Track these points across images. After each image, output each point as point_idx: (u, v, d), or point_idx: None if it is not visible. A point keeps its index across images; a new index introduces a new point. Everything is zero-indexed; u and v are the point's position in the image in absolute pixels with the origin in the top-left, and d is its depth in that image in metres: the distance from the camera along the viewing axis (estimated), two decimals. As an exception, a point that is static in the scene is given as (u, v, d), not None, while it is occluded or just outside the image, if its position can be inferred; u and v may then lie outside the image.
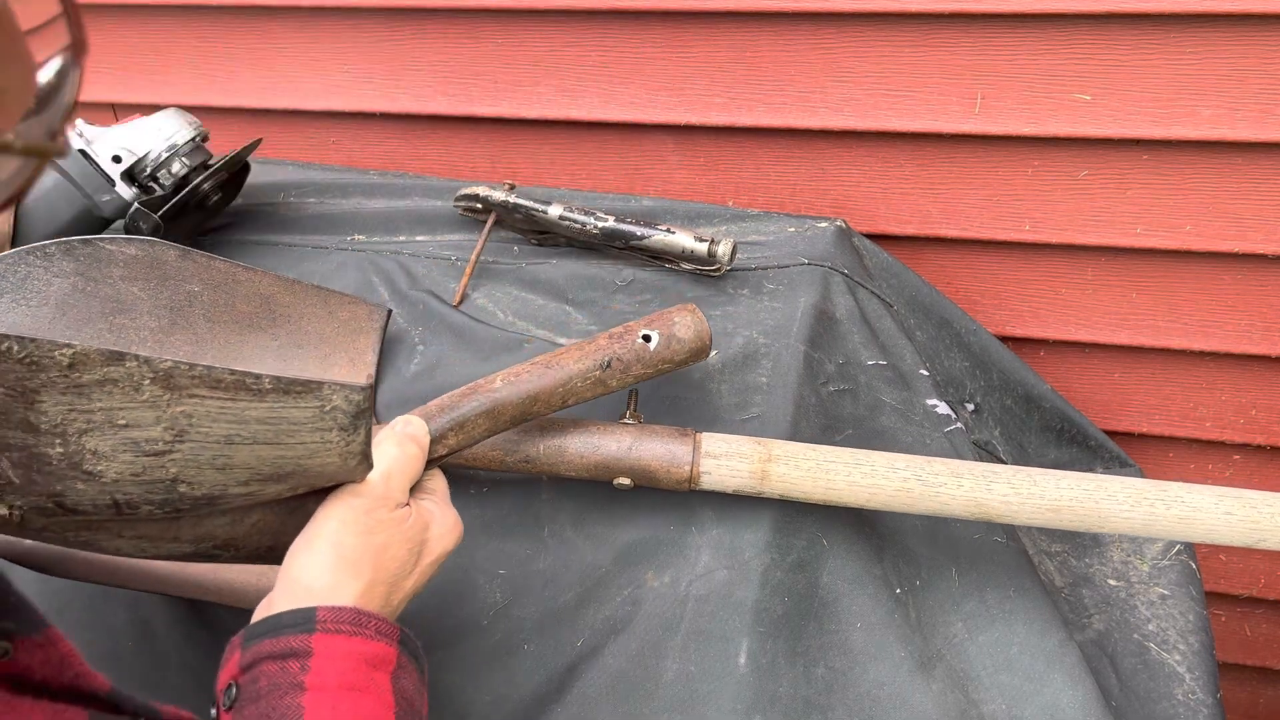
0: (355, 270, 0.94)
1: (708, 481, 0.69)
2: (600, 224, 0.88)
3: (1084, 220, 1.00)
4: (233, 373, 0.49)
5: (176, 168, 0.91)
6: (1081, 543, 0.95)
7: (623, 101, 1.04)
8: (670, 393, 0.79)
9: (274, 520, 0.60)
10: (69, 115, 0.30)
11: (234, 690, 0.50)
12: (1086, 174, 0.98)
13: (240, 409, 0.50)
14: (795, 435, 0.76)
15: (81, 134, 0.87)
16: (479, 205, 0.94)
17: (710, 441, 0.70)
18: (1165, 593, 0.90)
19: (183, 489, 0.52)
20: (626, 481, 0.70)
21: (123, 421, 0.48)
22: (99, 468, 0.49)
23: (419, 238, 0.98)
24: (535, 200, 0.91)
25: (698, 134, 1.05)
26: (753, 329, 0.82)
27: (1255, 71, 0.88)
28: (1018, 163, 0.99)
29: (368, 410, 0.53)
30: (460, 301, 0.89)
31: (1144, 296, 1.04)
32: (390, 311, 0.84)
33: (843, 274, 0.87)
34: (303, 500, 0.59)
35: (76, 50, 0.29)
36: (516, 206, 0.91)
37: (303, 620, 0.50)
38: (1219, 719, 0.83)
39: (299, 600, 0.52)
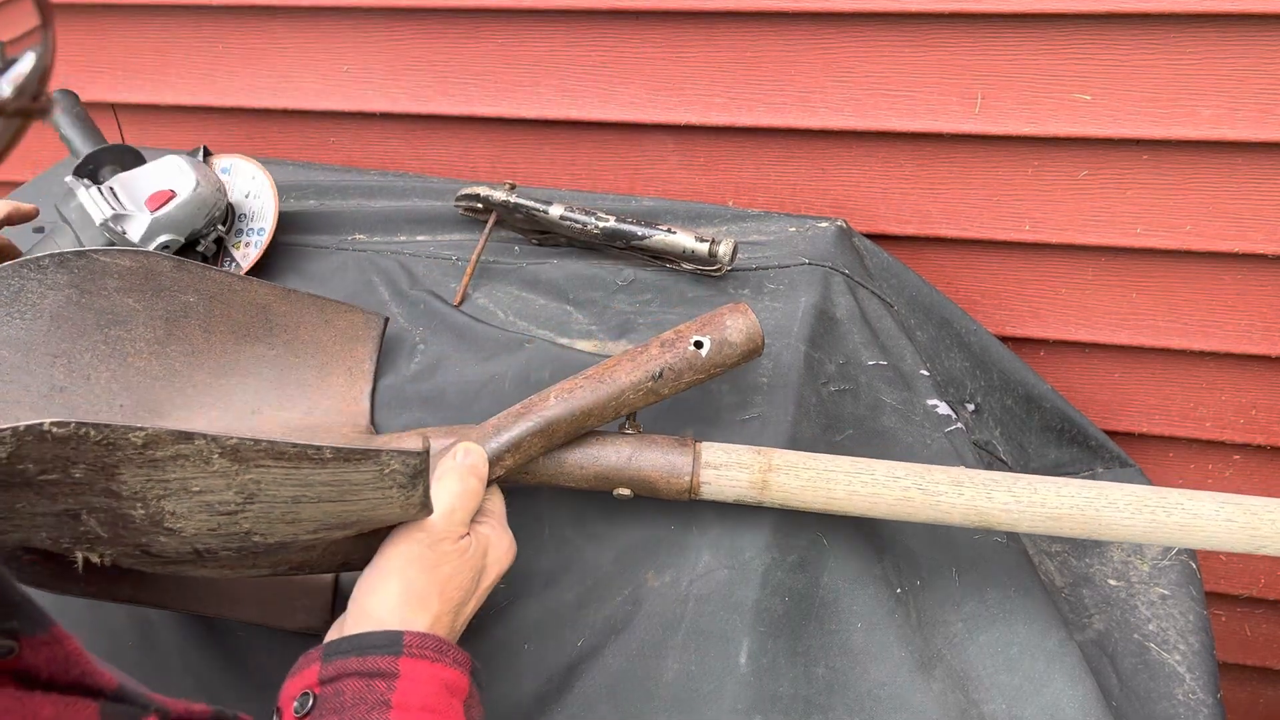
0: (355, 270, 0.94)
1: (708, 491, 0.69)
2: (601, 224, 0.88)
3: (1084, 220, 1.00)
4: (295, 446, 0.52)
5: (213, 236, 0.93)
6: (1082, 543, 0.95)
7: (623, 101, 1.04)
8: (671, 392, 0.79)
9: (347, 544, 0.62)
10: (46, 76, 0.31)
11: (310, 700, 0.53)
12: (1086, 174, 0.98)
13: (304, 475, 0.53)
14: (796, 435, 0.76)
15: (125, 231, 0.87)
16: (479, 205, 0.94)
17: (710, 451, 0.69)
18: (1165, 593, 0.90)
19: (256, 539, 0.56)
20: (626, 492, 0.70)
21: (196, 489, 0.51)
22: (178, 525, 0.53)
23: (419, 238, 0.98)
24: (536, 200, 0.91)
25: (698, 134, 1.05)
26: (753, 329, 0.82)
27: (1255, 71, 0.88)
28: (1018, 163, 0.99)
29: (425, 470, 0.55)
30: (461, 301, 0.89)
31: (1144, 296, 1.04)
32: (387, 320, 0.84)
33: (843, 274, 0.87)
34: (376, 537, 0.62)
35: (45, 11, 0.30)
36: (517, 206, 0.91)
37: (390, 643, 0.54)
38: (1219, 719, 0.83)
39: (372, 627, 0.56)
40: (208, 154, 0.99)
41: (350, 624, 0.57)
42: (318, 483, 0.53)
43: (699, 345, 0.69)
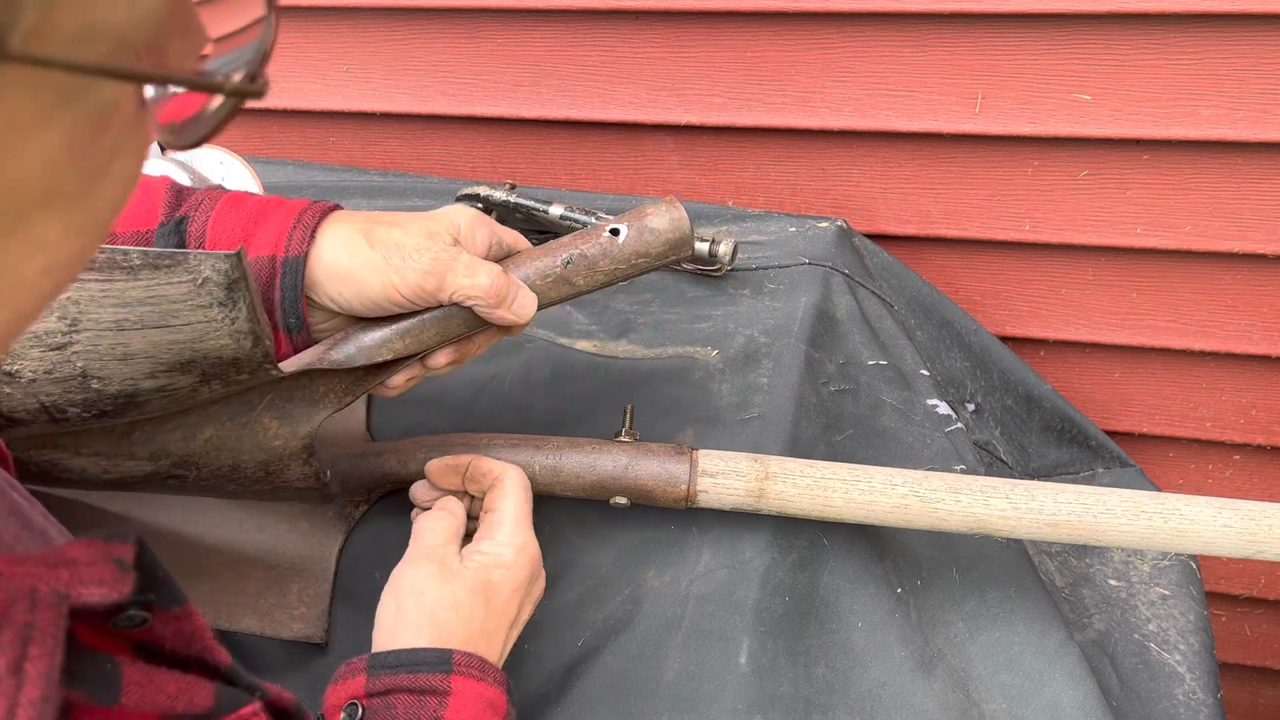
0: (355, 270, 0.94)
1: (705, 500, 0.69)
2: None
3: (1084, 220, 1.00)
4: (104, 251, 0.51)
5: None
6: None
7: (623, 101, 1.04)
8: (671, 392, 0.79)
9: (228, 437, 0.60)
10: (266, 58, 0.32)
11: (359, 710, 0.55)
12: (1086, 174, 0.98)
13: (120, 290, 0.52)
14: (796, 435, 0.76)
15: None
16: (479, 205, 0.94)
17: (707, 459, 0.69)
18: (1166, 593, 0.90)
19: (96, 385, 0.54)
20: (623, 501, 0.70)
21: None
22: (15, 367, 0.53)
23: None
24: (536, 200, 0.91)
25: (698, 134, 1.05)
26: (754, 329, 0.82)
27: (1255, 71, 0.88)
28: (1018, 163, 0.99)
29: (241, 282, 0.53)
30: (460, 301, 0.89)
31: (1144, 296, 1.04)
32: None
33: (844, 274, 0.87)
34: (253, 416, 0.60)
35: None
36: (517, 206, 0.91)
37: (440, 661, 0.56)
38: (1219, 719, 0.83)
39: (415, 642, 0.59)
40: (163, 148, 0.98)
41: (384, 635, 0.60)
42: (135, 300, 0.52)
43: (615, 232, 0.63)
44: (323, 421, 0.63)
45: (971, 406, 0.99)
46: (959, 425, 0.85)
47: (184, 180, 0.90)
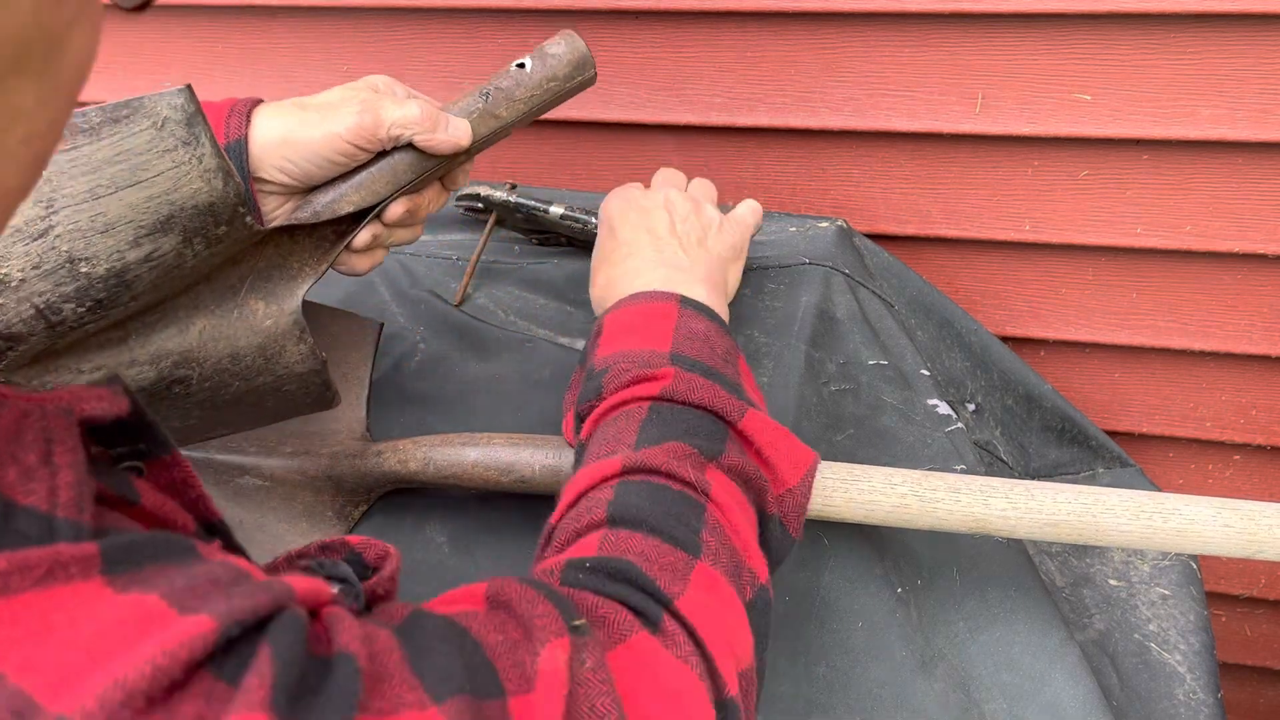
0: (355, 270, 0.94)
1: None
2: (601, 224, 0.88)
3: (1084, 220, 1.00)
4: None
5: None
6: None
7: (622, 101, 1.04)
8: (671, 392, 0.79)
9: (221, 324, 0.62)
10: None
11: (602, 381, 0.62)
12: (1086, 174, 0.98)
13: (87, 155, 0.53)
14: (797, 435, 0.75)
15: None
16: (480, 205, 0.94)
17: None
18: (1166, 593, 0.90)
19: (84, 268, 0.55)
20: None
21: None
22: (3, 271, 0.53)
23: (420, 237, 0.97)
24: (536, 200, 0.91)
25: (698, 134, 1.05)
26: (754, 328, 0.82)
27: (1255, 71, 0.88)
28: (1018, 162, 0.99)
29: (199, 115, 0.55)
30: (461, 301, 0.89)
31: (1144, 296, 1.04)
32: (382, 325, 0.83)
33: (844, 274, 0.87)
34: (239, 301, 0.62)
35: None
36: (518, 206, 0.91)
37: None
38: (1220, 719, 0.83)
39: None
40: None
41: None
42: (103, 162, 0.53)
43: (521, 65, 0.70)
44: (305, 293, 0.66)
45: (972, 406, 0.99)
46: (959, 425, 0.85)
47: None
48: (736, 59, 1.00)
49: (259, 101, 0.67)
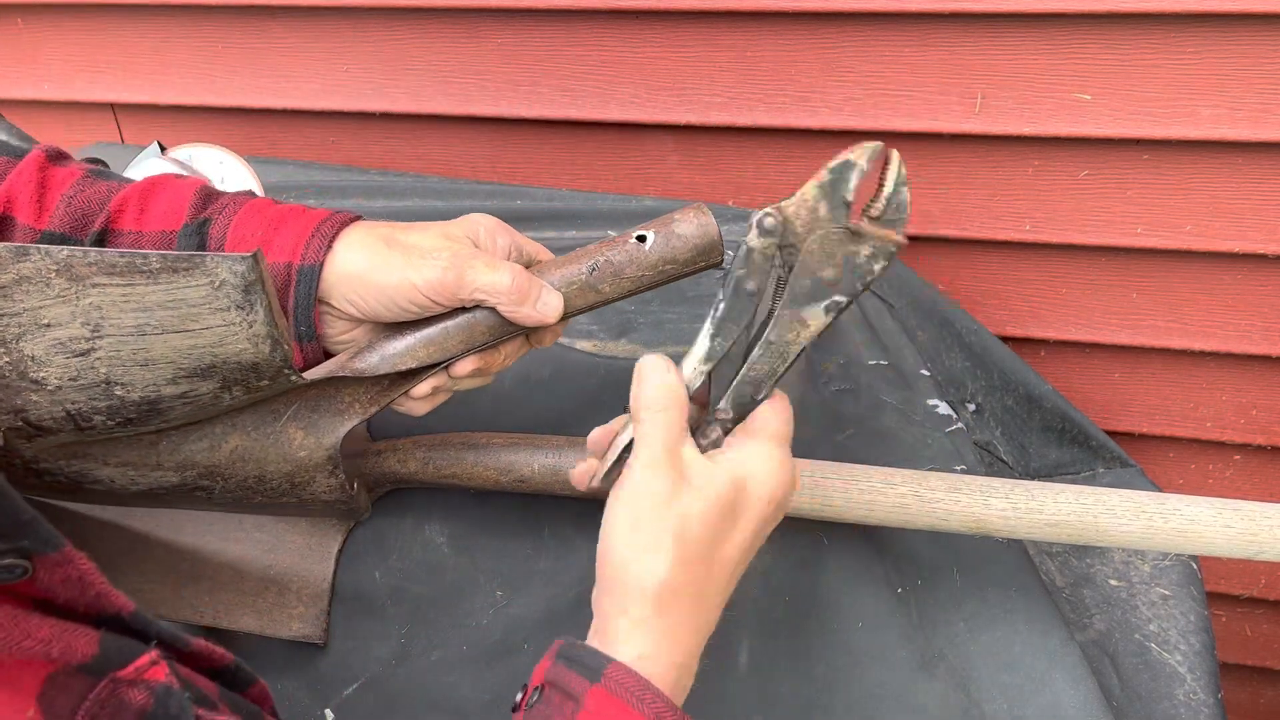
0: (355, 270, 0.94)
1: None
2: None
3: (1084, 220, 1.00)
4: (123, 255, 0.52)
5: None
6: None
7: (623, 101, 1.04)
8: (671, 392, 0.79)
9: (254, 447, 0.61)
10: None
11: (538, 695, 0.51)
12: (1087, 174, 0.98)
13: (140, 294, 0.53)
14: (797, 435, 0.75)
15: None
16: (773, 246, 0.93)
17: None
18: (1166, 593, 0.90)
19: (119, 391, 0.55)
20: None
21: (46, 321, 0.53)
22: (42, 375, 0.54)
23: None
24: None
25: (698, 134, 1.05)
26: (753, 328, 0.82)
27: (1255, 71, 0.88)
28: (1018, 162, 0.99)
29: (258, 284, 0.53)
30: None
31: (1144, 296, 1.04)
32: None
33: (843, 274, 0.87)
34: (278, 426, 0.61)
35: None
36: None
37: (593, 666, 0.50)
38: (1220, 719, 0.83)
39: (617, 599, 0.52)
40: (163, 148, 0.98)
41: (599, 596, 0.54)
42: (155, 305, 0.53)
43: (641, 239, 0.61)
44: (348, 433, 0.64)
45: (972, 406, 0.99)
46: (959, 425, 0.85)
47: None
48: (736, 59, 1.00)
49: (351, 221, 0.61)
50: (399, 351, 0.61)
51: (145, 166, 0.90)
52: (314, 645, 0.72)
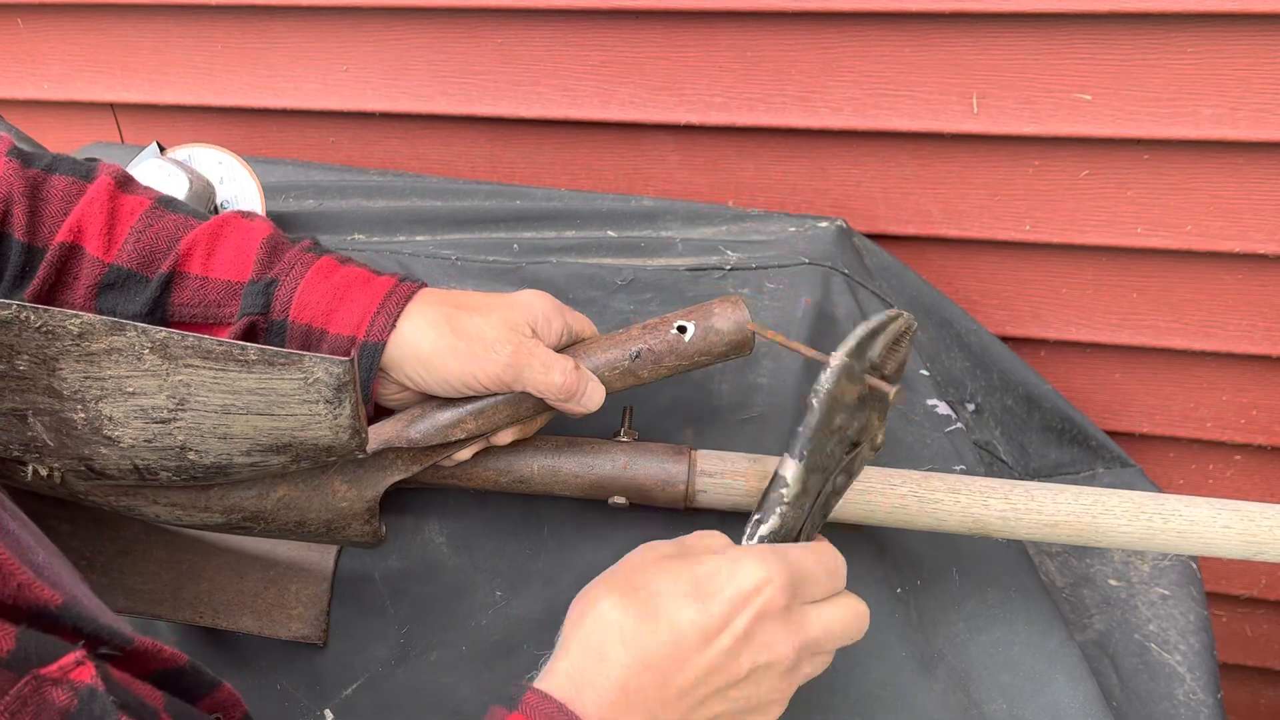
0: (355, 270, 0.94)
1: (704, 500, 0.69)
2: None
3: (1084, 220, 1.00)
4: (221, 344, 0.53)
5: None
6: (1082, 543, 0.95)
7: (622, 101, 1.04)
8: (672, 392, 0.79)
9: (299, 497, 0.63)
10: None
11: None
12: (1087, 174, 0.98)
13: (232, 379, 0.54)
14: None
15: None
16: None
17: (706, 460, 0.69)
18: (1166, 593, 0.90)
19: (192, 456, 0.57)
20: (622, 500, 0.69)
21: (131, 389, 0.54)
22: (116, 433, 0.55)
23: (419, 238, 0.97)
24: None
25: (698, 134, 1.05)
26: (753, 328, 0.82)
27: (1256, 71, 0.88)
28: (1018, 162, 0.99)
29: (350, 384, 0.55)
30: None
31: (1144, 296, 1.04)
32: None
33: (843, 274, 0.87)
34: (325, 479, 0.63)
35: None
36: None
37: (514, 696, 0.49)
38: (1220, 719, 0.82)
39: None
40: (162, 148, 0.98)
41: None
42: (245, 390, 0.54)
43: (682, 330, 0.67)
44: (389, 486, 0.67)
45: (971, 406, 0.99)
46: (959, 425, 0.85)
47: (180, 180, 0.90)
48: (736, 59, 1.00)
49: (415, 292, 0.64)
50: (449, 422, 0.65)
51: (144, 167, 0.90)
52: (314, 646, 0.72)
